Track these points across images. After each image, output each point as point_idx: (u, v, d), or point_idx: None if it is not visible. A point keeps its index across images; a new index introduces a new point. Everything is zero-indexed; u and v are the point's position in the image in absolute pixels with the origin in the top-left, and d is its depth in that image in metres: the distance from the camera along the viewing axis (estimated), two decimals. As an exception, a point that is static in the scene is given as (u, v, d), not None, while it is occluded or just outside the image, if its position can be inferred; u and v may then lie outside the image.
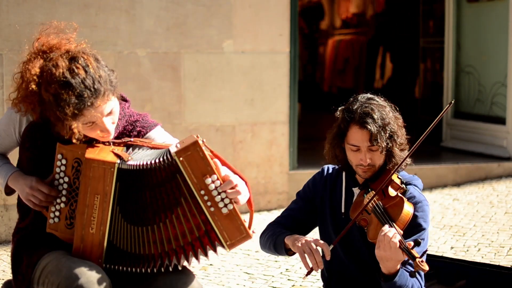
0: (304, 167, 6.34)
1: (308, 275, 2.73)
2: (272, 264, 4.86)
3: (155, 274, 2.66)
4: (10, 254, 2.83)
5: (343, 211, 2.90)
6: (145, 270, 2.65)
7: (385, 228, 2.64)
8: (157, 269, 2.65)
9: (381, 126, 2.77)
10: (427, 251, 2.73)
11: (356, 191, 2.88)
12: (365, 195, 2.80)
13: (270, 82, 6.11)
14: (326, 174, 3.00)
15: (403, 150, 2.84)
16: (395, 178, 2.81)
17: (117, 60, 5.72)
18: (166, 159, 2.58)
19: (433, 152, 7.48)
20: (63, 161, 2.68)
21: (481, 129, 7.41)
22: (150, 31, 5.81)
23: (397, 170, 2.78)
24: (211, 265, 4.85)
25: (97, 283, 2.52)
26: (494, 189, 6.44)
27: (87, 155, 2.63)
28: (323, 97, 12.02)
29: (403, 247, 2.57)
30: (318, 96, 12.04)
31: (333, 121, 2.93)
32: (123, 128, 2.81)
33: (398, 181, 2.81)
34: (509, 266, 4.31)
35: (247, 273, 4.72)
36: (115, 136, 2.77)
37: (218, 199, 2.58)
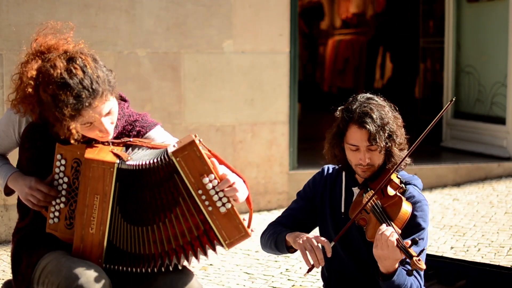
0: (304, 167, 6.34)
1: (309, 272, 2.72)
2: (272, 264, 4.85)
3: (155, 274, 2.66)
4: (10, 254, 2.83)
5: (343, 210, 2.90)
6: (145, 270, 2.65)
7: (382, 227, 2.64)
8: (157, 269, 2.65)
9: (380, 125, 2.76)
10: (426, 250, 2.73)
11: (356, 190, 2.88)
12: (364, 194, 2.81)
13: (270, 82, 6.11)
14: (326, 174, 3.00)
15: (402, 150, 2.84)
16: (394, 177, 2.81)
17: (117, 60, 5.72)
18: (163, 159, 2.58)
19: (433, 152, 7.47)
20: (63, 161, 2.68)
21: (481, 129, 7.40)
22: (150, 31, 5.81)
23: (396, 169, 2.78)
24: (211, 265, 4.85)
25: (97, 283, 2.52)
26: (494, 189, 6.43)
27: (87, 155, 2.63)
28: (323, 97, 12.01)
29: (400, 245, 2.57)
30: (318, 96, 12.03)
31: (333, 121, 2.93)
32: (123, 128, 2.81)
33: (397, 181, 2.81)
34: (509, 266, 4.31)
35: (247, 273, 4.72)
36: (114, 136, 2.77)
37: (216, 198, 2.58)
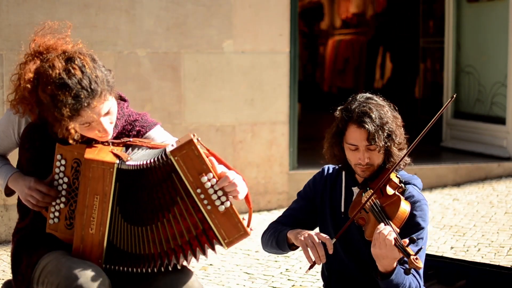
0: (304, 167, 6.34)
1: (310, 268, 2.72)
2: (272, 264, 4.85)
3: (155, 274, 2.66)
4: (10, 254, 2.83)
5: (342, 210, 2.90)
6: (145, 270, 2.65)
7: (380, 226, 2.64)
8: (157, 269, 2.65)
9: (379, 125, 2.76)
10: (425, 250, 2.73)
11: (356, 190, 2.88)
12: (364, 194, 2.81)
13: (270, 82, 6.11)
14: (326, 174, 3.00)
15: (401, 150, 2.84)
16: (393, 177, 2.80)
17: (117, 60, 5.72)
18: (162, 158, 2.58)
19: (433, 152, 7.47)
20: (62, 162, 2.68)
21: (481, 129, 7.40)
22: (150, 31, 5.81)
23: (395, 168, 2.78)
24: (211, 265, 4.85)
25: (97, 283, 2.52)
26: (494, 189, 6.43)
27: (86, 155, 2.63)
28: (323, 97, 12.02)
29: (398, 244, 2.57)
30: (318, 96, 12.04)
31: (332, 121, 2.93)
32: (122, 128, 2.81)
33: (396, 180, 2.81)
34: (509, 266, 4.31)
35: (247, 273, 4.72)
36: (114, 136, 2.77)
37: (214, 197, 2.58)
